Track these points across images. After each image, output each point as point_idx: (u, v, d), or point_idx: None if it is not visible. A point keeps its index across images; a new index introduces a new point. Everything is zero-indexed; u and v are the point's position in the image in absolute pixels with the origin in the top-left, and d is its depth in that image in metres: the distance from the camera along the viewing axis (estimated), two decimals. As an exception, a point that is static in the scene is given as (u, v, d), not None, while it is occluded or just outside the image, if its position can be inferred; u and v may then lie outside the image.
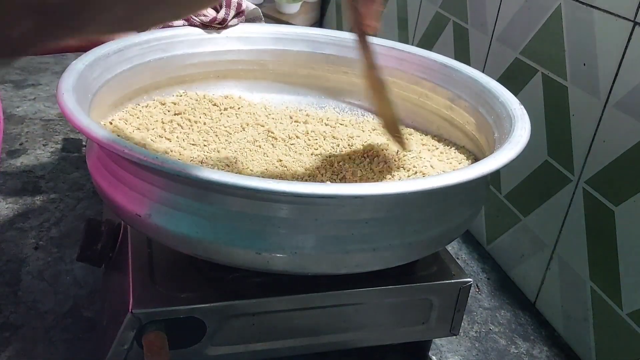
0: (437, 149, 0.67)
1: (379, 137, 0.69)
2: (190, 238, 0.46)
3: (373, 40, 0.73)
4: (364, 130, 0.72)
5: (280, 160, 0.62)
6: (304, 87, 0.78)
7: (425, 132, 0.72)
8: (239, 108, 0.73)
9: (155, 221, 0.46)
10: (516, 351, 0.69)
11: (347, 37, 0.77)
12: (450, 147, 0.67)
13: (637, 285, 0.60)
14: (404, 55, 0.73)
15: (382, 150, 0.64)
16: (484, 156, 0.58)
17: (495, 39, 0.82)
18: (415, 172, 0.60)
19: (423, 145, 0.68)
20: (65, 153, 1.01)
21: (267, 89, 0.78)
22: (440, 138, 0.70)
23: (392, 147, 0.65)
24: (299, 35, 0.77)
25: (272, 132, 0.67)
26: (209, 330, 0.51)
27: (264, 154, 0.63)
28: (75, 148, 1.03)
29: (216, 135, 0.65)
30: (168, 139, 0.63)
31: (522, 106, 0.58)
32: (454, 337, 0.69)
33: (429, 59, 0.71)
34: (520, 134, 0.52)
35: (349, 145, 0.66)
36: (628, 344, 0.61)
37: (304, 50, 0.77)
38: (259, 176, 0.58)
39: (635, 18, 0.59)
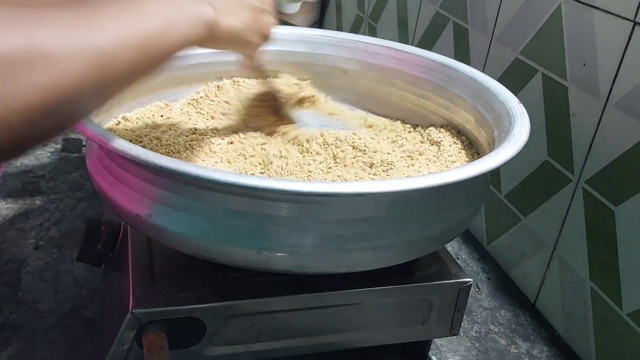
0: (438, 149, 0.67)
1: (378, 135, 0.69)
2: (190, 238, 0.46)
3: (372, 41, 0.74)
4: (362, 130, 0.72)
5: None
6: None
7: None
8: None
9: (156, 221, 0.46)
10: (516, 351, 0.69)
11: (348, 37, 0.77)
12: (450, 146, 0.67)
13: (637, 285, 0.60)
14: (402, 55, 0.73)
15: (381, 148, 0.64)
16: (484, 154, 0.58)
17: (495, 38, 0.82)
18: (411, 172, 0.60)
19: (422, 143, 0.68)
20: (65, 153, 1.01)
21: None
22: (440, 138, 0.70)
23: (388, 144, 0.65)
24: (299, 37, 0.77)
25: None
26: (209, 330, 0.51)
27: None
28: (75, 148, 1.03)
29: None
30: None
31: (521, 104, 0.58)
32: (454, 337, 0.69)
33: (428, 59, 0.71)
34: (520, 131, 0.52)
35: (351, 146, 0.66)
36: (628, 344, 0.61)
37: (304, 51, 0.77)
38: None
39: (635, 18, 0.59)
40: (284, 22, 1.55)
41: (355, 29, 1.36)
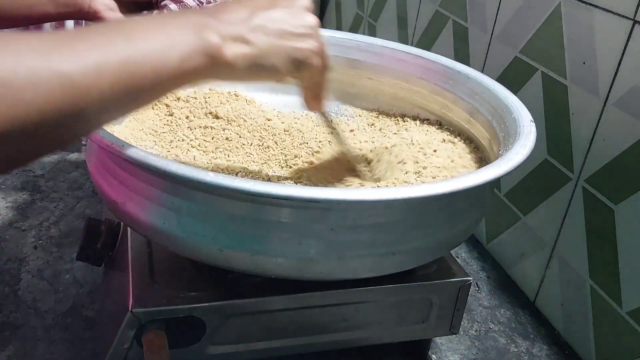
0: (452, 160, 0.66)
1: (383, 139, 0.69)
2: (159, 229, 0.46)
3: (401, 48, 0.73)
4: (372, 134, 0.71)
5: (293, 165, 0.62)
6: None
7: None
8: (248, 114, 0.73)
9: (129, 209, 0.46)
10: (516, 350, 0.69)
11: (376, 42, 0.75)
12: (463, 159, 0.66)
13: (636, 284, 0.60)
14: (429, 64, 0.71)
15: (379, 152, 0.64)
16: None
17: (495, 37, 0.82)
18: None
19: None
20: (65, 152, 1.01)
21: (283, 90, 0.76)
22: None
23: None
24: (330, 40, 0.76)
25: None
26: (209, 329, 0.51)
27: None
28: (74, 147, 1.03)
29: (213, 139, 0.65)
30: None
31: (533, 123, 0.55)
32: (454, 335, 0.69)
33: (453, 70, 0.69)
34: (517, 151, 0.49)
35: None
36: (627, 343, 0.61)
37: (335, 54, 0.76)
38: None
39: (634, 16, 0.59)
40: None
41: (354, 28, 1.36)
